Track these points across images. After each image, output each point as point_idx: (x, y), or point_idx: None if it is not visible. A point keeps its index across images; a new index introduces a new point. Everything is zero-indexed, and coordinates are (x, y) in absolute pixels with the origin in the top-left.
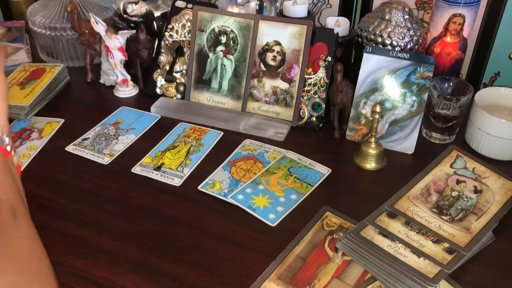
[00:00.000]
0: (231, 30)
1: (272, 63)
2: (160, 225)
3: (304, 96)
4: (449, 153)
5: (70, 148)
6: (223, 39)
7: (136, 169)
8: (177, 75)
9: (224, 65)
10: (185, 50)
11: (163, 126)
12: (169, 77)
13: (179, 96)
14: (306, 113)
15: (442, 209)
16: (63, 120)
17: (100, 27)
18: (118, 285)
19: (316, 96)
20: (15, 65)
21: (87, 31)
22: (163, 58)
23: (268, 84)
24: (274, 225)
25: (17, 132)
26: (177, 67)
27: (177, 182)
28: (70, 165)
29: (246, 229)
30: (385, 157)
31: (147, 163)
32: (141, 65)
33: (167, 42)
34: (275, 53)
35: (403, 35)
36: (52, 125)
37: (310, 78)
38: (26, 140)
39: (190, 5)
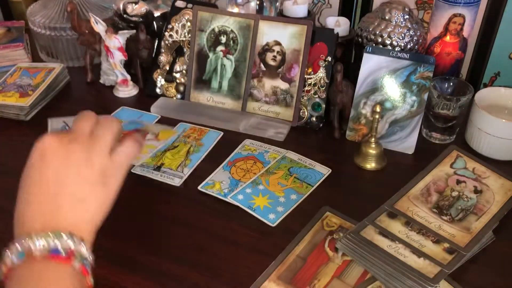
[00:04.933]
0: (231, 30)
1: (272, 63)
2: (160, 225)
3: (304, 96)
4: (449, 153)
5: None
6: (223, 39)
7: (136, 169)
8: (177, 75)
9: (224, 65)
10: (185, 50)
11: None
12: (169, 77)
13: (179, 96)
14: (306, 113)
15: (442, 209)
16: None
17: (100, 27)
18: (118, 285)
19: (316, 96)
20: (15, 65)
21: (87, 31)
22: (163, 58)
23: (268, 84)
24: (274, 225)
25: None
26: (177, 67)
27: (177, 182)
28: None
29: (246, 229)
30: (385, 157)
31: (147, 163)
32: (141, 65)
33: (167, 42)
34: (275, 53)
35: (403, 35)
36: None
37: (310, 78)
38: None
39: (190, 5)
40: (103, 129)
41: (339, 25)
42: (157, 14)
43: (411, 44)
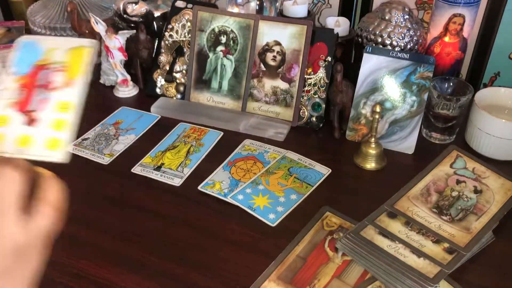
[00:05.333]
0: (231, 30)
1: (272, 63)
2: (160, 225)
3: (304, 96)
4: (449, 153)
5: (70, 148)
6: (223, 39)
7: (136, 169)
8: (177, 75)
9: (224, 65)
10: (185, 50)
11: (163, 126)
12: (169, 77)
13: (179, 96)
14: (306, 113)
15: (442, 209)
16: None
17: (100, 27)
18: (118, 285)
19: (316, 96)
20: None
21: (87, 31)
22: (163, 58)
23: (268, 84)
24: (274, 225)
25: None
26: (177, 67)
27: (177, 182)
28: (70, 165)
29: (246, 229)
30: (385, 157)
31: (147, 163)
32: (141, 65)
33: (167, 42)
34: (275, 53)
35: (403, 35)
36: None
37: (310, 78)
38: None
39: (190, 5)
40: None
41: (339, 25)
42: (157, 14)
43: (411, 44)
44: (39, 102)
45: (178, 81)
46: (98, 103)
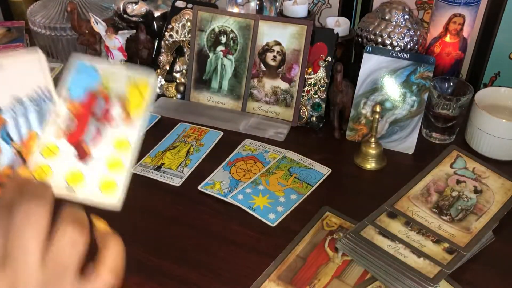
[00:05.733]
0: (231, 30)
1: (272, 63)
2: (160, 225)
3: (304, 96)
4: (449, 153)
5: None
6: (223, 39)
7: (136, 169)
8: (177, 75)
9: (224, 65)
10: (185, 50)
11: (163, 126)
12: (169, 77)
13: (179, 96)
14: (306, 113)
15: (442, 209)
16: None
17: (100, 27)
18: (118, 285)
19: (316, 96)
20: None
21: (87, 31)
22: (163, 58)
23: (268, 84)
24: (274, 225)
25: None
26: (177, 67)
27: (177, 182)
28: None
29: (246, 229)
30: (385, 157)
31: (147, 163)
32: (141, 65)
33: (167, 42)
34: (275, 53)
35: (403, 35)
36: None
37: (310, 78)
38: None
39: (190, 5)
40: (29, 208)
41: (339, 25)
42: (157, 14)
43: (411, 44)
44: (94, 135)
45: (178, 81)
46: None
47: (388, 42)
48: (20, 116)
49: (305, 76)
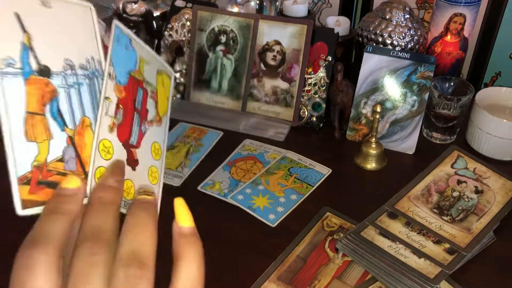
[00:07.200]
0: (231, 30)
1: (272, 62)
2: (159, 226)
3: (304, 96)
4: (450, 153)
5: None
6: (223, 38)
7: None
8: (177, 75)
9: (224, 65)
10: (184, 49)
11: None
12: None
13: (178, 96)
14: (306, 113)
15: (443, 209)
16: None
17: (99, 27)
18: None
19: (317, 96)
20: None
21: None
22: (162, 57)
23: (268, 84)
24: (274, 225)
25: None
26: (177, 67)
27: (176, 182)
28: None
29: (246, 229)
30: (386, 157)
31: None
32: None
33: (166, 41)
34: (275, 53)
35: (403, 34)
36: None
37: (310, 78)
38: None
39: (189, 5)
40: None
41: (339, 24)
42: (156, 13)
43: (412, 44)
44: (138, 135)
45: (178, 81)
46: None
47: (388, 41)
48: (72, 88)
49: (305, 75)
